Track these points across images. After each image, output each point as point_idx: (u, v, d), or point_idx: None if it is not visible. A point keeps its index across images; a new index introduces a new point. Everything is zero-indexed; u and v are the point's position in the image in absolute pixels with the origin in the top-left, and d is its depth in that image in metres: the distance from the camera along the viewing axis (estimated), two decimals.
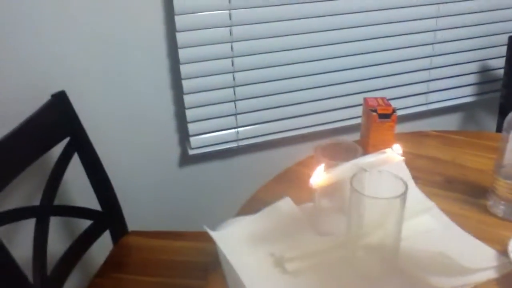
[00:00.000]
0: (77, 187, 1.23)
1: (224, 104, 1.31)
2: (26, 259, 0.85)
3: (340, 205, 0.70)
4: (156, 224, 1.26)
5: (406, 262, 0.67)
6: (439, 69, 1.54)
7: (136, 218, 1.23)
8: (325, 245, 0.67)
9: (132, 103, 1.25)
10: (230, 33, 1.23)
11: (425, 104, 1.57)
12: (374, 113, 0.90)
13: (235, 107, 1.32)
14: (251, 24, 1.25)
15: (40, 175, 1.02)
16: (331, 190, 0.70)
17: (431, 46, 1.49)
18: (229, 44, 1.24)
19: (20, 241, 1.11)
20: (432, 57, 1.51)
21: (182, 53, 1.20)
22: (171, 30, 1.19)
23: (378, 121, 0.90)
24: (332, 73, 1.39)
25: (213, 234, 0.69)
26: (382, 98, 0.96)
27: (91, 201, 1.10)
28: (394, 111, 0.91)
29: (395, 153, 0.66)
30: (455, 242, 0.71)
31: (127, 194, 1.24)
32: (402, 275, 0.65)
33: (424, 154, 0.98)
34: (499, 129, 1.55)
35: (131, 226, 1.20)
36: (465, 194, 0.84)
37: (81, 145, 1.06)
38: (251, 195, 0.85)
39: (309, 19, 1.30)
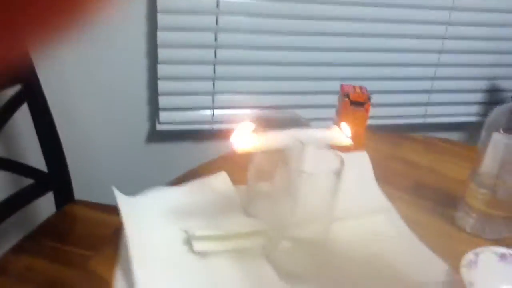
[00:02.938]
0: (26, 144, 1.14)
1: (202, 81, 1.21)
2: None
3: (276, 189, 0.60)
4: (110, 197, 1.16)
5: (342, 262, 0.56)
6: (443, 81, 1.42)
7: (88, 188, 1.13)
8: (246, 228, 0.56)
9: (102, 68, 1.15)
10: (217, 5, 1.14)
11: (423, 116, 1.45)
12: (347, 99, 0.80)
13: (213, 86, 1.22)
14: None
15: None
16: (268, 172, 0.59)
17: (437, 54, 1.37)
18: (214, 16, 1.15)
19: None
20: (437, 67, 1.39)
21: (161, 18, 1.11)
22: None
23: (349, 108, 0.80)
24: (321, 67, 1.28)
25: (120, 197, 0.59)
26: (361, 87, 0.86)
27: (39, 161, 1.01)
28: (369, 99, 0.80)
29: (342, 132, 0.55)
30: (406, 250, 0.60)
31: (83, 162, 1.15)
32: (331, 277, 0.54)
33: (400, 156, 0.87)
34: None
35: (81, 195, 1.10)
36: (433, 202, 0.72)
37: (33, 94, 0.97)
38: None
39: (308, 4, 1.20)
